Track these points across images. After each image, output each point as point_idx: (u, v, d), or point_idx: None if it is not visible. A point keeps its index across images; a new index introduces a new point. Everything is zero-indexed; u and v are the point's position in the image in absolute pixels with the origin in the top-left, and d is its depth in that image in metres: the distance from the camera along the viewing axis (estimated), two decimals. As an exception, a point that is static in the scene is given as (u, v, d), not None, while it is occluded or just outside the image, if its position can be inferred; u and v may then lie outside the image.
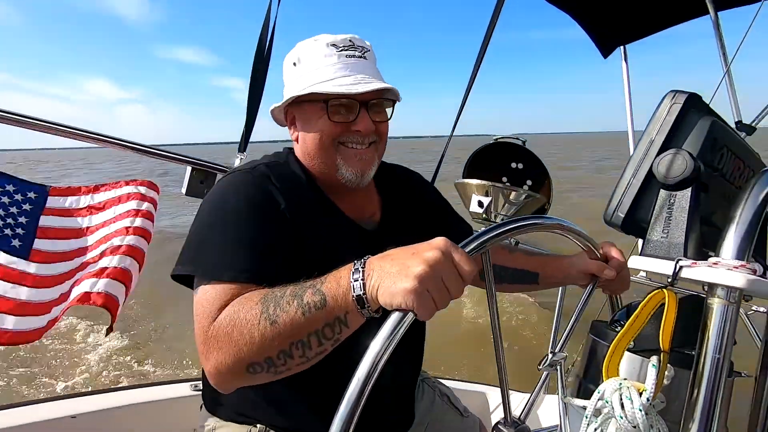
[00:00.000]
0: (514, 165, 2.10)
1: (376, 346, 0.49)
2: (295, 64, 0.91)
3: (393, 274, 0.55)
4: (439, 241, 0.57)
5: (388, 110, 0.92)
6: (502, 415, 0.69)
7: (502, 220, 1.94)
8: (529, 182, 2.10)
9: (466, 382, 1.78)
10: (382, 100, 0.90)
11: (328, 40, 0.88)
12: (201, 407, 1.00)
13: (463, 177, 2.05)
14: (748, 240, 0.50)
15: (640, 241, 0.63)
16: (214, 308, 0.69)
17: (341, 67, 0.86)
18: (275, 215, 0.82)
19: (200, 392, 1.03)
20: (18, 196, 1.31)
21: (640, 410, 0.48)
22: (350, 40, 0.89)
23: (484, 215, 1.96)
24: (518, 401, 1.42)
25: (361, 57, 0.89)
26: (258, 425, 0.89)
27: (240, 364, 0.64)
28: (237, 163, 1.38)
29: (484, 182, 1.92)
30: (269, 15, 1.27)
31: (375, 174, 0.96)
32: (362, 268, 0.59)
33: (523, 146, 1.99)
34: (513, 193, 1.92)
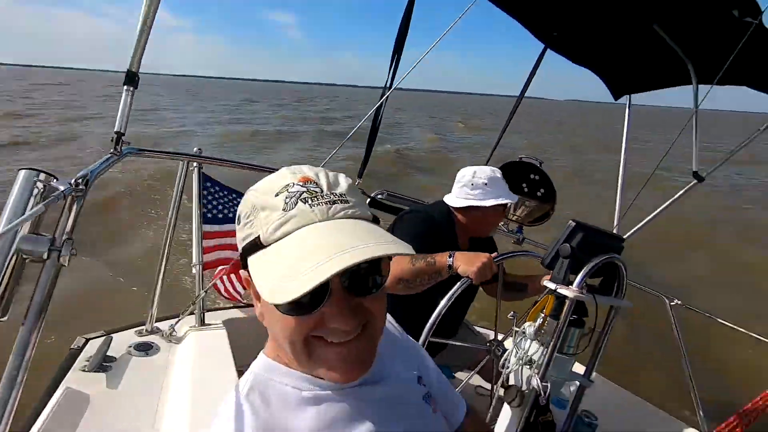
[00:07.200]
0: (532, 176, 2.80)
1: (448, 296, 1.36)
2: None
3: (467, 259, 1.42)
4: (487, 254, 1.42)
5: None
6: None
7: (515, 219, 2.71)
8: (542, 190, 2.80)
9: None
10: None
11: None
12: None
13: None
14: (585, 275, 1.26)
15: None
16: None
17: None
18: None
19: None
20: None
21: (531, 332, 1.29)
22: None
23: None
24: None
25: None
26: None
27: (397, 278, 1.48)
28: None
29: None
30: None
31: None
32: (452, 254, 1.45)
33: (539, 166, 2.68)
34: (526, 200, 2.65)
